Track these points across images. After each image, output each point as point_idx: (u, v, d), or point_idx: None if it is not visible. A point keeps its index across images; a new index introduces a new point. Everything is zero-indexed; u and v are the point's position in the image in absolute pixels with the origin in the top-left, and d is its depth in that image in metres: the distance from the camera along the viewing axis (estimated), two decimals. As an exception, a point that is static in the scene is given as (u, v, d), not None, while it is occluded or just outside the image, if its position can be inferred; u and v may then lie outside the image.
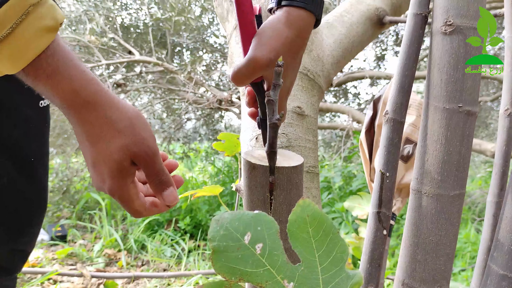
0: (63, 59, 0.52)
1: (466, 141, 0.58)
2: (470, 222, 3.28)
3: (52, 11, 0.51)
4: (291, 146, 0.88)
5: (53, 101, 0.55)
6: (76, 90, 0.53)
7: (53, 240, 3.20)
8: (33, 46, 0.49)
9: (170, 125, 4.60)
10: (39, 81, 0.52)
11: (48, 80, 0.52)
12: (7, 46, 0.48)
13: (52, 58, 0.51)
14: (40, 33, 0.49)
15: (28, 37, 0.49)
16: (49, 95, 0.54)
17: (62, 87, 0.52)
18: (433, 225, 0.59)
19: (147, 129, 0.57)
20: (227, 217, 0.46)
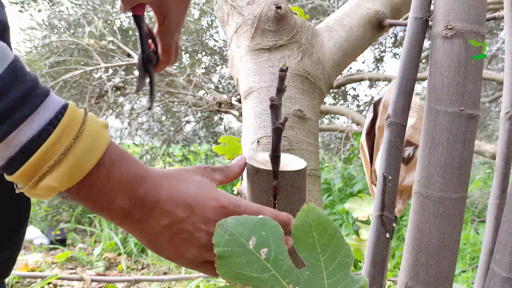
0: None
1: (468, 144, 0.59)
2: (470, 223, 3.29)
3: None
4: (292, 149, 0.88)
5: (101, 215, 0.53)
6: (127, 210, 0.51)
7: (53, 244, 3.20)
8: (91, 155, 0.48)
9: (169, 128, 4.60)
10: (86, 199, 0.50)
11: (100, 198, 0.50)
12: (70, 156, 0.46)
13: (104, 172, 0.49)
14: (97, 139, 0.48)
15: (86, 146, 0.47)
16: (99, 210, 0.52)
17: (115, 208, 0.51)
18: (435, 228, 0.59)
19: (211, 192, 0.55)
20: (231, 222, 0.46)
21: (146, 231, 0.53)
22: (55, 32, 3.67)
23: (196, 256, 0.55)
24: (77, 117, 0.47)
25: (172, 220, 0.53)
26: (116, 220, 0.52)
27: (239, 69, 0.98)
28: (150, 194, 0.52)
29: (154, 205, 0.52)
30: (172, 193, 0.53)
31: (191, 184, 0.55)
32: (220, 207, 0.54)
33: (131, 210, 0.51)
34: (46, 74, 3.36)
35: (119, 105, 4.15)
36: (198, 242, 0.53)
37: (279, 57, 0.94)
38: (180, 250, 0.54)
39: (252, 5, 0.97)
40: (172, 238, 0.53)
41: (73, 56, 3.53)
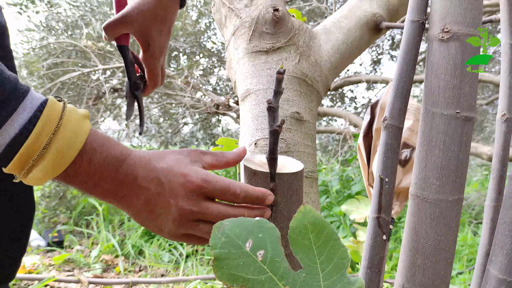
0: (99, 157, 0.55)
1: (464, 146, 0.59)
2: (467, 225, 3.29)
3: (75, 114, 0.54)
4: (289, 151, 0.88)
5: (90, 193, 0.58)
6: (111, 190, 0.57)
7: (50, 246, 3.19)
8: (75, 141, 0.52)
9: (167, 130, 4.60)
10: (75, 181, 0.55)
11: (86, 182, 0.55)
12: (54, 147, 0.51)
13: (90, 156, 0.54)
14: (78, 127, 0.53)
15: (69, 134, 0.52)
16: (88, 192, 0.57)
17: (101, 190, 0.56)
18: (432, 230, 0.59)
19: (182, 168, 0.58)
20: (228, 224, 0.46)
21: (130, 208, 0.58)
22: (53, 33, 3.66)
23: (173, 229, 0.59)
24: (56, 112, 0.51)
25: (149, 196, 0.57)
26: (104, 199, 0.58)
27: (237, 71, 0.98)
28: (129, 173, 0.57)
29: (133, 183, 0.57)
30: (148, 171, 0.57)
31: (166, 161, 0.59)
32: (187, 182, 0.57)
33: (114, 190, 0.56)
34: (44, 76, 3.35)
35: (117, 106, 4.15)
36: (171, 216, 0.57)
37: (277, 60, 0.94)
38: (158, 224, 0.58)
39: (250, 8, 0.97)
40: (151, 213, 0.58)
41: (70, 57, 3.53)
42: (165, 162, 0.58)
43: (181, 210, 0.56)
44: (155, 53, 0.90)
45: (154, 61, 0.91)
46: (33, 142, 0.50)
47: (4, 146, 0.49)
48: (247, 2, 0.98)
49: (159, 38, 0.89)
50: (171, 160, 0.59)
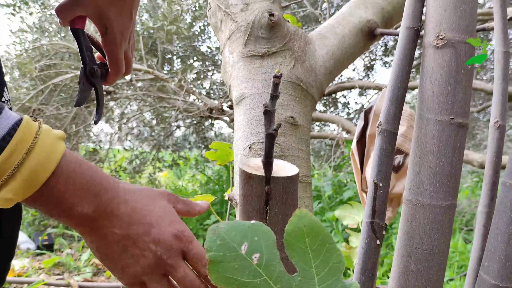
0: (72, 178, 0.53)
1: (458, 152, 0.60)
2: (458, 231, 3.31)
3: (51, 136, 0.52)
4: (284, 155, 0.88)
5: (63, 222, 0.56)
6: (86, 216, 0.54)
7: (40, 249, 3.16)
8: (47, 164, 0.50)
9: (159, 133, 4.59)
10: (46, 206, 0.53)
11: (61, 203, 0.53)
12: (24, 169, 0.49)
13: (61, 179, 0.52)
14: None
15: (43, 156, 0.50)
16: (58, 217, 0.54)
17: (73, 214, 0.53)
18: (425, 235, 0.60)
19: (173, 219, 0.58)
20: (224, 227, 0.46)
21: (100, 239, 0.56)
22: (46, 35, 3.64)
23: (138, 274, 0.56)
24: (31, 132, 0.50)
25: (128, 232, 0.55)
26: (73, 225, 0.55)
27: (232, 75, 0.98)
28: (112, 204, 0.55)
29: (114, 215, 0.55)
30: (135, 208, 0.56)
31: (156, 205, 0.58)
32: (176, 235, 0.56)
33: (89, 216, 0.54)
34: (36, 78, 3.33)
35: (110, 109, 4.13)
36: (143, 260, 0.55)
37: (272, 64, 0.94)
38: (126, 264, 0.56)
39: (246, 12, 0.98)
40: (123, 251, 0.56)
41: (63, 59, 3.51)
42: (153, 206, 0.57)
43: (159, 258, 0.55)
44: (115, 38, 0.83)
45: (114, 46, 0.84)
46: (5, 160, 0.48)
47: None
48: (243, 6, 0.99)
49: (119, 21, 0.82)
50: (161, 207, 0.58)
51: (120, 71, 0.89)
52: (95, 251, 0.57)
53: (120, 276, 0.58)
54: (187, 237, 0.57)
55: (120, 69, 0.88)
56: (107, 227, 0.55)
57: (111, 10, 0.81)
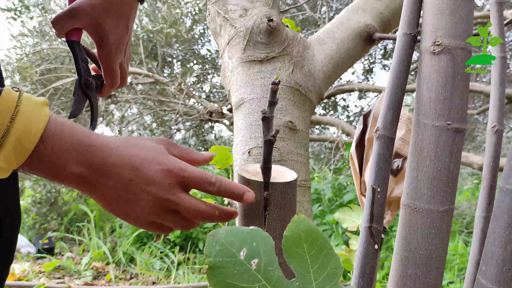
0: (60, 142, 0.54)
1: (455, 157, 0.60)
2: (458, 234, 3.31)
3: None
4: (283, 160, 0.89)
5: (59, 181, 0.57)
6: (78, 174, 0.55)
7: (40, 253, 3.16)
8: (34, 128, 0.51)
9: (159, 136, 4.59)
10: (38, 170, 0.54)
11: (51, 168, 0.54)
12: (11, 137, 0.50)
13: (49, 143, 0.53)
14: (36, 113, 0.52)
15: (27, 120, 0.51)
16: (54, 179, 0.56)
17: (67, 175, 0.54)
18: (423, 240, 0.60)
19: (158, 156, 0.58)
20: (223, 233, 0.47)
21: (98, 193, 0.57)
22: (46, 39, 3.65)
23: (141, 216, 0.58)
24: (11, 101, 0.51)
25: (119, 181, 0.56)
26: (71, 184, 0.56)
27: (231, 80, 0.99)
28: (98, 158, 0.55)
29: (102, 168, 0.55)
30: (120, 156, 0.57)
31: (141, 148, 0.58)
32: (165, 170, 0.57)
33: (81, 174, 0.55)
34: (37, 82, 3.34)
35: (110, 113, 4.14)
36: (142, 203, 0.57)
37: (271, 69, 0.95)
38: (127, 210, 0.58)
39: (245, 18, 0.98)
40: (119, 199, 0.57)
41: (64, 63, 3.52)
42: (139, 149, 0.58)
43: (156, 198, 0.56)
44: (110, 50, 0.83)
45: (109, 58, 0.85)
46: None
47: None
48: (241, 12, 0.99)
49: (115, 34, 0.83)
50: (146, 148, 0.59)
51: (115, 83, 0.89)
52: (100, 204, 0.59)
53: (129, 221, 0.60)
54: (178, 168, 0.57)
55: (115, 81, 0.89)
56: (99, 180, 0.56)
57: (107, 23, 0.81)
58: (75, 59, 0.83)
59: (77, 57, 0.82)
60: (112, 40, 0.83)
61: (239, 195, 0.59)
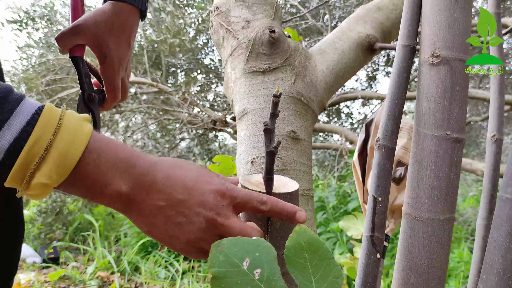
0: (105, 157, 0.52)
1: (455, 167, 0.61)
2: (463, 241, 3.30)
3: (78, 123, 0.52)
4: (286, 169, 0.90)
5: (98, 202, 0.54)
6: (123, 192, 0.52)
7: (46, 263, 3.17)
8: (74, 148, 0.50)
9: (164, 145, 4.62)
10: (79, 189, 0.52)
11: (94, 185, 0.52)
12: (55, 151, 0.49)
13: (93, 161, 0.51)
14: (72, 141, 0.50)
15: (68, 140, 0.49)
16: (95, 198, 0.53)
17: (110, 193, 0.52)
18: (424, 249, 0.61)
19: (208, 177, 0.56)
20: (226, 243, 0.48)
21: (142, 213, 0.54)
22: (52, 50, 3.70)
23: (191, 241, 0.54)
24: (54, 115, 0.50)
25: (169, 201, 0.53)
26: (113, 203, 0.53)
27: (234, 90, 1.00)
28: (146, 176, 0.53)
29: (151, 186, 0.53)
30: (170, 175, 0.54)
31: (190, 169, 0.56)
32: (218, 191, 0.54)
33: (126, 192, 0.52)
34: (43, 92, 3.37)
35: (115, 122, 4.16)
36: (194, 226, 0.53)
37: (273, 80, 0.96)
38: (175, 233, 0.54)
39: (247, 29, 1.00)
40: (167, 221, 0.53)
41: (69, 74, 3.56)
42: (188, 169, 0.56)
43: (210, 221, 0.53)
44: (113, 65, 0.86)
45: (112, 74, 0.87)
46: (33, 144, 0.47)
47: (3, 151, 0.47)
48: (244, 24, 1.01)
49: (117, 50, 0.86)
50: (194, 168, 0.56)
51: (117, 98, 0.91)
52: (142, 228, 0.56)
53: (174, 247, 0.56)
54: (230, 189, 0.55)
55: (117, 96, 0.90)
56: (146, 200, 0.53)
57: (110, 40, 0.84)
58: (79, 74, 0.85)
59: (80, 72, 0.85)
60: (115, 57, 0.86)
61: (291, 215, 0.57)
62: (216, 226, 0.54)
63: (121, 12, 0.85)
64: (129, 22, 0.87)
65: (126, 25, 0.87)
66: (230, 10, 1.03)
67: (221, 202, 0.54)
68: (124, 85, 0.92)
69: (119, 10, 0.85)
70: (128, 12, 0.87)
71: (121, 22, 0.85)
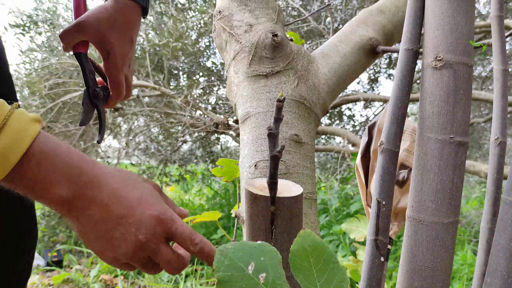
0: (49, 160, 0.52)
1: (458, 170, 0.61)
2: (467, 243, 3.29)
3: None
4: (289, 173, 0.90)
5: (41, 202, 0.54)
6: (65, 198, 0.53)
7: (49, 266, 3.18)
8: (19, 142, 0.50)
9: (166, 148, 4.62)
10: (22, 186, 0.52)
11: (34, 186, 0.52)
12: None
13: (36, 160, 0.51)
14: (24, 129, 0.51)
15: (15, 132, 0.50)
16: (37, 199, 0.54)
17: (52, 196, 0.52)
18: (428, 252, 0.61)
19: (155, 201, 0.57)
20: (231, 248, 0.48)
21: (80, 220, 0.54)
22: (54, 54, 3.71)
23: (119, 256, 0.55)
24: (1, 112, 0.50)
25: (108, 215, 0.54)
26: (54, 206, 0.54)
27: (237, 94, 1.01)
28: (90, 186, 0.53)
29: (93, 199, 0.53)
30: (116, 189, 0.55)
31: (138, 187, 0.57)
32: (157, 217, 0.55)
33: (69, 198, 0.53)
34: (45, 96, 3.39)
35: (117, 125, 4.17)
36: (126, 244, 0.54)
37: (276, 83, 0.97)
38: (107, 246, 0.55)
39: (250, 33, 1.00)
40: (103, 233, 0.54)
41: (72, 78, 3.57)
42: (137, 188, 0.57)
43: (142, 243, 0.54)
44: (116, 62, 0.86)
45: (115, 70, 0.87)
46: None
47: None
48: (247, 27, 1.01)
49: (120, 46, 0.86)
50: (143, 188, 0.57)
51: (121, 94, 0.91)
52: (76, 232, 0.56)
53: (103, 258, 0.57)
54: (169, 219, 0.56)
55: (121, 92, 0.91)
56: (86, 209, 0.53)
57: (112, 36, 0.84)
58: (83, 70, 0.85)
59: (84, 68, 0.85)
60: (118, 53, 0.86)
61: (210, 261, 0.57)
62: (145, 249, 0.55)
63: (123, 9, 0.86)
64: (132, 18, 0.88)
65: (129, 22, 0.87)
66: (232, 14, 1.04)
67: (156, 228, 0.55)
68: (128, 81, 0.92)
69: (122, 7, 0.86)
70: (131, 9, 0.87)
71: (124, 18, 0.86)
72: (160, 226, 0.55)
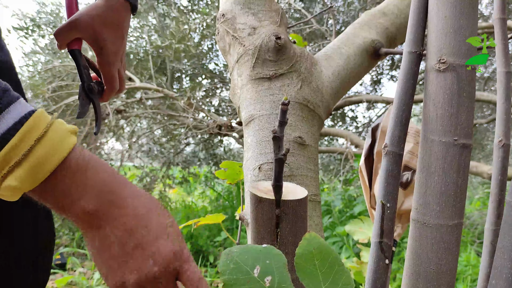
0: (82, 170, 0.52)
1: (462, 172, 0.61)
2: (470, 244, 3.28)
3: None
4: (293, 175, 0.90)
5: (65, 216, 0.54)
6: (89, 212, 0.52)
7: (53, 269, 3.18)
8: (55, 155, 0.50)
9: (169, 150, 4.63)
10: (51, 198, 0.52)
11: (64, 198, 0.51)
12: (31, 157, 0.49)
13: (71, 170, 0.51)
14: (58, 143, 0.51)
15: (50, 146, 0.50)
16: (61, 211, 0.53)
17: (76, 209, 0.52)
18: (433, 254, 0.61)
19: (179, 237, 0.55)
20: (237, 251, 0.48)
21: (98, 237, 0.53)
22: (57, 56, 3.73)
23: (126, 285, 0.53)
24: (42, 122, 0.50)
25: (129, 239, 0.53)
26: (75, 219, 0.53)
27: (241, 97, 1.01)
28: (118, 206, 0.53)
29: (118, 217, 0.53)
30: (141, 215, 0.54)
31: (162, 216, 0.56)
32: (176, 253, 0.54)
33: (92, 213, 0.52)
34: (49, 98, 3.40)
35: (120, 128, 4.18)
36: (138, 272, 0.52)
37: (279, 86, 0.97)
38: (117, 270, 0.53)
39: (253, 36, 1.01)
40: (118, 256, 0.53)
41: (75, 80, 3.58)
42: (162, 216, 0.56)
43: (155, 276, 0.52)
44: (109, 57, 0.90)
45: (108, 65, 0.91)
46: (13, 147, 0.48)
47: None
48: (250, 30, 1.02)
49: (112, 42, 0.90)
50: (168, 217, 0.56)
51: (115, 88, 0.94)
52: (90, 248, 0.55)
53: (107, 278, 0.55)
54: (186, 257, 0.54)
55: (115, 86, 0.94)
56: (105, 227, 0.53)
57: (105, 32, 0.88)
58: (78, 66, 0.89)
59: (79, 64, 0.88)
60: (110, 49, 0.90)
61: None
62: (156, 282, 0.53)
63: (114, 6, 0.90)
64: (122, 15, 0.92)
65: (119, 19, 0.91)
66: (236, 17, 1.04)
67: (171, 264, 0.53)
68: (121, 76, 0.96)
69: (112, 4, 0.89)
70: (121, 6, 0.91)
71: (115, 15, 0.90)
72: (174, 262, 0.54)
